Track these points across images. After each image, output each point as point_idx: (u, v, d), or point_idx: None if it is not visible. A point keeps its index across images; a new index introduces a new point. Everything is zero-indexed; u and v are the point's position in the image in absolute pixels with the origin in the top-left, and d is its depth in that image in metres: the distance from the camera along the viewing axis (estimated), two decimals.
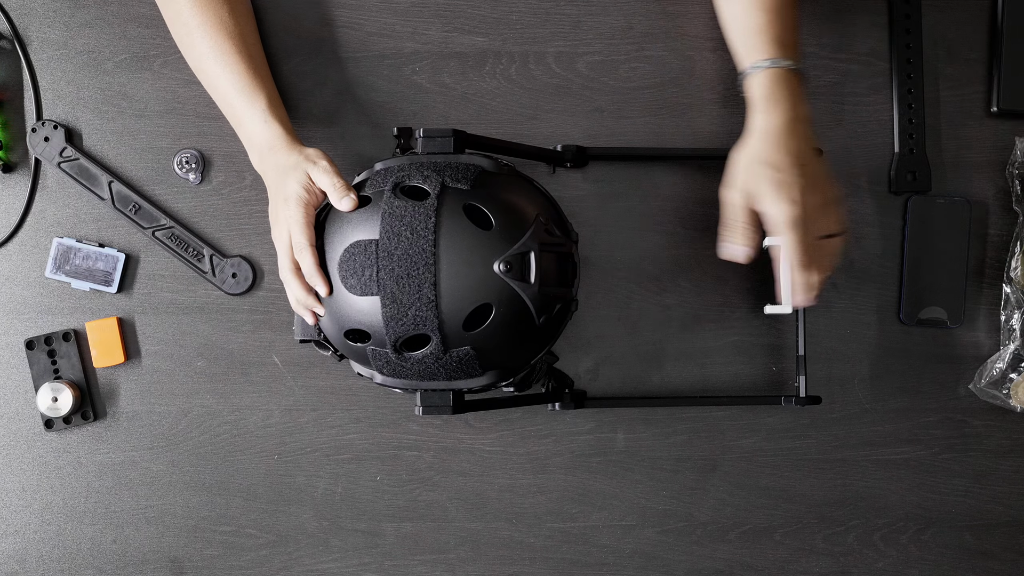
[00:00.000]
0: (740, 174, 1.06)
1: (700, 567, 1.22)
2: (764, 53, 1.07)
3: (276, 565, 1.21)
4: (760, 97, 1.07)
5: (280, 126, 1.09)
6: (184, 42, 1.13)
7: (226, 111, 1.12)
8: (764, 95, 1.07)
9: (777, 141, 1.05)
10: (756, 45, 1.08)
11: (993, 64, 1.22)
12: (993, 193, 1.22)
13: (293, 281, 1.03)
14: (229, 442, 1.21)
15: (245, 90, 1.09)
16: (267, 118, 1.09)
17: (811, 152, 1.06)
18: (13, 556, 1.22)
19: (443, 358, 0.99)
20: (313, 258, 1.01)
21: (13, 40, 1.21)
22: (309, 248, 1.01)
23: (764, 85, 1.07)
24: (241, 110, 1.10)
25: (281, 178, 1.05)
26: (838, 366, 1.22)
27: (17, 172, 1.22)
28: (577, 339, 1.21)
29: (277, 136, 1.08)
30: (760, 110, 1.07)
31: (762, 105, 1.07)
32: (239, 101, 1.10)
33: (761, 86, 1.07)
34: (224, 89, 1.10)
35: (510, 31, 1.22)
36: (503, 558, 1.22)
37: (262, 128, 1.09)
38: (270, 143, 1.08)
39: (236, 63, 1.10)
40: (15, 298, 1.21)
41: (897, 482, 1.22)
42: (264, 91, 1.10)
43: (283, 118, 1.10)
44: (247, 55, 1.11)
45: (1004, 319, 1.21)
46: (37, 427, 1.21)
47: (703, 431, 1.22)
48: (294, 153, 1.06)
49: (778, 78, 1.07)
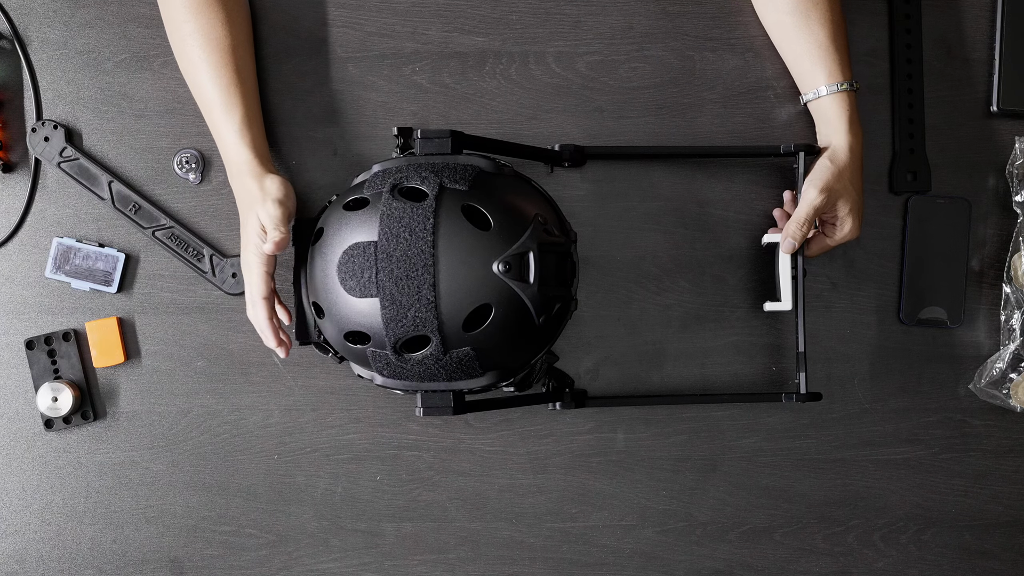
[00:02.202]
0: (832, 182, 1.12)
1: (700, 567, 1.22)
2: (843, 75, 1.14)
3: (276, 565, 1.21)
4: (844, 118, 1.14)
5: (249, 150, 1.10)
6: (177, 48, 1.13)
7: (207, 120, 1.13)
8: (848, 116, 1.14)
9: (860, 165, 1.14)
10: (834, 63, 1.14)
11: (993, 64, 1.22)
12: (993, 193, 1.22)
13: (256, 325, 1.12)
14: (229, 442, 1.21)
15: (224, 104, 1.11)
16: (238, 139, 1.10)
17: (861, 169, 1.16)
18: (13, 556, 1.22)
19: (443, 359, 0.99)
20: (263, 312, 1.10)
21: (13, 40, 1.21)
22: (260, 302, 1.10)
23: (848, 107, 1.14)
24: (219, 123, 1.11)
25: (244, 210, 1.10)
26: (838, 366, 1.22)
27: (17, 172, 1.22)
28: (577, 339, 1.21)
29: (245, 161, 1.10)
30: (846, 131, 1.13)
31: (847, 126, 1.14)
32: (218, 115, 1.11)
33: (846, 107, 1.14)
34: (208, 99, 1.11)
35: (510, 31, 1.22)
36: (503, 558, 1.22)
37: (233, 146, 1.11)
38: (239, 165, 1.10)
39: (221, 76, 1.11)
40: (15, 298, 1.21)
41: (897, 482, 1.22)
42: (241, 107, 1.11)
43: (255, 138, 1.11)
44: (234, 68, 1.11)
45: (1004, 319, 1.21)
46: (37, 427, 1.21)
47: (703, 431, 1.22)
48: (255, 184, 1.09)
49: (854, 102, 1.14)
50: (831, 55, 1.14)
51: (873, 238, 1.22)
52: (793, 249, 1.14)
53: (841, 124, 1.14)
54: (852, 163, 1.13)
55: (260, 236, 1.08)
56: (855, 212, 1.14)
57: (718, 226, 1.22)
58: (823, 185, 1.12)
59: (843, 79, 1.14)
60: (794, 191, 1.17)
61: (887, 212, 1.22)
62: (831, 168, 1.13)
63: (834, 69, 1.14)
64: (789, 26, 1.16)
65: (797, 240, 1.13)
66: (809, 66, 1.15)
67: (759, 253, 1.22)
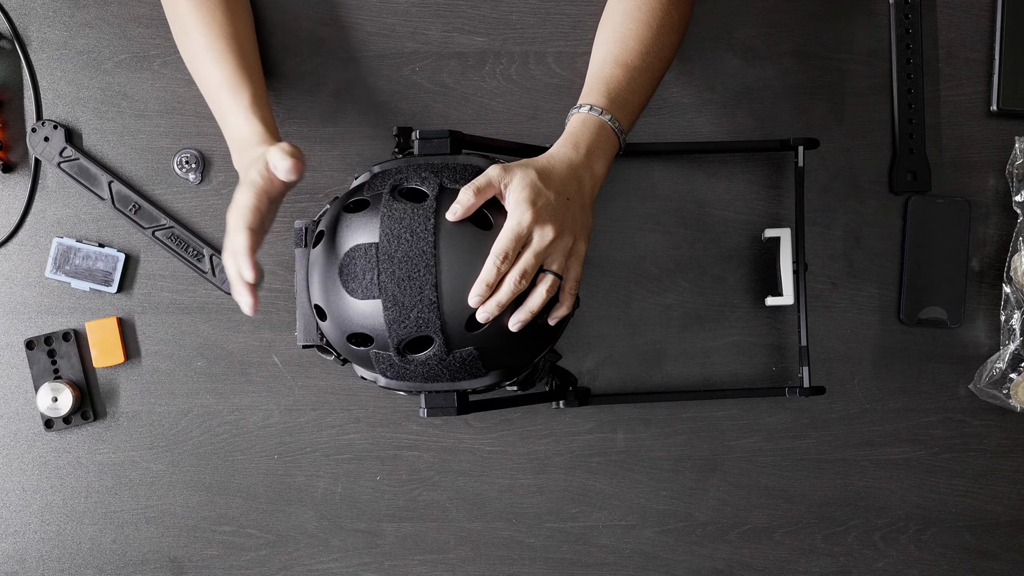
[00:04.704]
0: (514, 168, 0.99)
1: (700, 567, 1.22)
2: (596, 101, 1.04)
3: (276, 565, 1.21)
4: (568, 132, 1.03)
5: (260, 124, 1.06)
6: (181, 41, 1.13)
7: (213, 108, 1.11)
8: (571, 131, 1.03)
9: (553, 160, 1.01)
10: (593, 90, 1.05)
11: (993, 64, 1.22)
12: (993, 193, 1.23)
13: (227, 262, 0.99)
14: (229, 442, 1.21)
15: (232, 86, 1.08)
16: (248, 115, 1.07)
17: (578, 194, 1.00)
18: (13, 556, 1.22)
19: (446, 359, 0.99)
20: (244, 240, 0.97)
21: (13, 40, 1.21)
22: (243, 231, 0.97)
23: (576, 124, 1.03)
24: (226, 106, 1.08)
25: (246, 170, 1.02)
26: (838, 366, 1.22)
27: (17, 172, 1.21)
28: (577, 340, 1.21)
29: (256, 133, 1.06)
30: (559, 142, 1.03)
31: (563, 139, 1.03)
32: (225, 97, 1.08)
33: (574, 123, 1.03)
34: (213, 85, 1.09)
35: (510, 31, 1.22)
36: (503, 558, 1.22)
37: (243, 123, 1.07)
38: (248, 139, 1.06)
39: (226, 60, 1.09)
40: (15, 298, 1.21)
41: (897, 482, 1.22)
42: (250, 88, 1.08)
43: (266, 116, 1.08)
44: (239, 53, 1.10)
45: (1004, 319, 1.21)
46: (37, 427, 1.21)
47: (703, 431, 1.22)
48: (265, 146, 1.03)
49: (594, 126, 1.03)
50: (593, 82, 1.06)
51: (873, 238, 1.22)
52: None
53: (565, 137, 1.03)
54: (541, 161, 1.00)
55: (263, 175, 1.00)
56: (521, 203, 0.97)
57: (718, 226, 1.22)
58: (502, 167, 0.99)
59: (590, 102, 1.04)
60: None
61: (887, 212, 1.22)
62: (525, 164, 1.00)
63: (587, 93, 1.05)
64: (595, 45, 1.10)
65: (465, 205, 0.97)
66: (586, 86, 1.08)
67: (759, 252, 1.22)
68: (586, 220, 1.01)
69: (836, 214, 1.22)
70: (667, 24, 1.08)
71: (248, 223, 0.98)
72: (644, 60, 1.07)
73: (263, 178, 1.00)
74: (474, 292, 0.96)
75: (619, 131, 1.04)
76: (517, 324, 0.98)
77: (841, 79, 1.23)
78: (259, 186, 0.99)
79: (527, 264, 0.96)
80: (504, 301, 0.96)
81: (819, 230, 1.22)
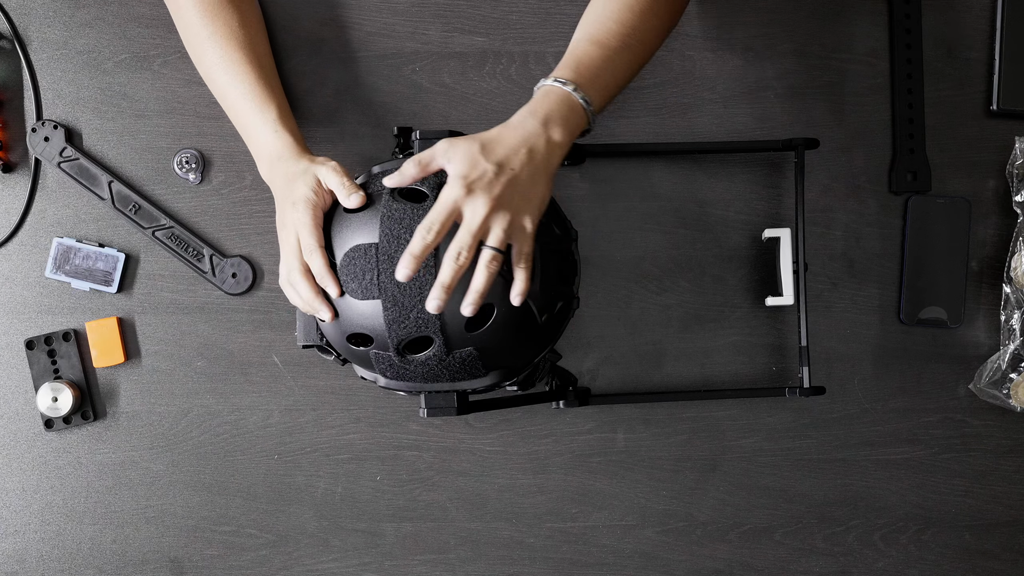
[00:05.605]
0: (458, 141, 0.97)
1: (700, 567, 1.22)
2: (562, 74, 1.01)
3: (276, 565, 1.21)
4: (529, 103, 1.01)
5: (290, 135, 1.08)
6: (195, 52, 1.13)
7: (235, 120, 1.11)
8: (532, 101, 1.01)
9: (503, 130, 0.98)
10: (563, 65, 1.03)
11: (993, 64, 1.22)
12: (993, 193, 1.23)
13: (302, 283, 1.01)
14: (229, 442, 1.21)
15: (256, 100, 1.09)
16: (277, 128, 1.08)
17: (527, 164, 0.97)
18: (13, 556, 1.22)
19: (446, 359, 0.99)
20: (323, 259, 0.99)
21: (13, 40, 1.21)
22: (319, 249, 1.00)
23: (538, 95, 1.01)
24: (251, 120, 1.09)
25: (289, 184, 1.04)
26: (838, 366, 1.22)
27: (17, 172, 1.21)
28: (577, 340, 1.21)
29: (287, 145, 1.07)
30: (517, 112, 1.00)
31: (522, 109, 1.00)
32: (249, 111, 1.09)
33: (537, 95, 1.01)
34: (234, 99, 1.10)
35: (510, 31, 1.22)
36: (503, 558, 1.22)
37: (272, 138, 1.08)
38: (280, 152, 1.07)
39: (246, 73, 1.10)
40: (15, 298, 1.21)
41: (897, 482, 1.22)
42: (275, 101, 1.09)
43: (293, 128, 1.09)
44: (257, 65, 1.11)
45: (1004, 319, 1.21)
46: (37, 427, 1.21)
47: (703, 431, 1.22)
48: (303, 160, 1.05)
49: (557, 96, 1.00)
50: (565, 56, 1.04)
51: (873, 238, 1.22)
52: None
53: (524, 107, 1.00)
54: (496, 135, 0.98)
55: (315, 191, 1.01)
56: (454, 178, 0.95)
57: (718, 226, 1.22)
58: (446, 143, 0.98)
59: (556, 75, 1.01)
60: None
61: (887, 212, 1.22)
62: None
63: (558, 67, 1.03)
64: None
65: None
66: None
67: (759, 252, 1.22)
68: (536, 191, 0.98)
69: (836, 214, 1.22)
70: (651, 8, 1.07)
71: (319, 241, 1.00)
72: (622, 40, 1.05)
73: (316, 194, 1.02)
74: (401, 264, 0.94)
75: (586, 103, 1.01)
76: (469, 307, 0.96)
77: (841, 79, 1.23)
78: (314, 202, 1.01)
79: (461, 242, 0.94)
80: (447, 281, 0.94)
81: (819, 230, 1.22)
